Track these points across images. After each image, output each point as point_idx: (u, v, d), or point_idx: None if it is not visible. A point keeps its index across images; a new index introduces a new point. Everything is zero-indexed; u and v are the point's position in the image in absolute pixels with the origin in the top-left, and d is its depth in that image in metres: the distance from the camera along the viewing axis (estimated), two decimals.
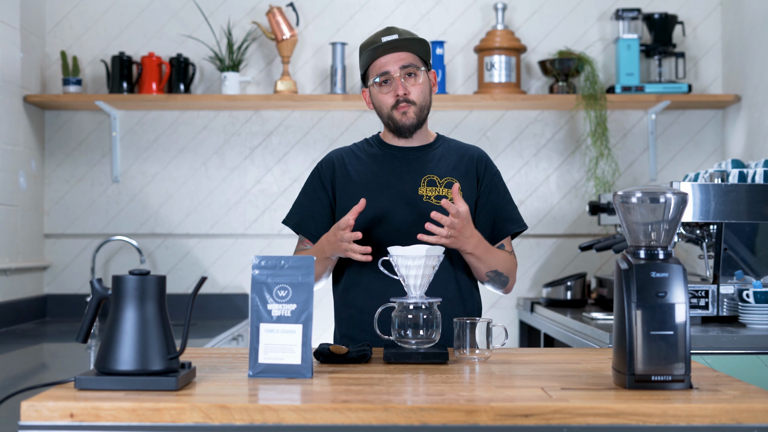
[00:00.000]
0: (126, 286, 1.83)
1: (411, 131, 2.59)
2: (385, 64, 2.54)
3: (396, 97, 2.54)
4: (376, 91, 2.58)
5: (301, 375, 1.93)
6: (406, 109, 2.56)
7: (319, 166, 2.68)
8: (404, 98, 2.54)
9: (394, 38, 2.53)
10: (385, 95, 2.57)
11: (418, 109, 2.57)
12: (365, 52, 2.57)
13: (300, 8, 4.46)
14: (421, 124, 2.61)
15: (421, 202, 2.57)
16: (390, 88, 2.56)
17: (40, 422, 1.65)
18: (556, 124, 4.52)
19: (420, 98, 2.56)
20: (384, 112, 2.59)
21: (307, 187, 2.69)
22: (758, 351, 2.87)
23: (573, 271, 4.45)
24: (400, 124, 2.57)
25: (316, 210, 2.64)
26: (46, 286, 4.47)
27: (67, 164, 4.48)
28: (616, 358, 1.86)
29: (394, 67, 2.54)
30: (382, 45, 2.53)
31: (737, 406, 1.66)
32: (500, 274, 2.57)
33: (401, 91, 2.54)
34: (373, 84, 2.57)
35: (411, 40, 2.55)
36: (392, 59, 2.54)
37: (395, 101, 2.55)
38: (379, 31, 2.59)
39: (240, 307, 4.45)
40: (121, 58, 4.33)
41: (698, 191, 3.15)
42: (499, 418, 1.65)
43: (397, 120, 2.57)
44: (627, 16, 4.37)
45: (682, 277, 1.82)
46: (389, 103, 2.56)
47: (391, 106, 2.56)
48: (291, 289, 1.97)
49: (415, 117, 2.57)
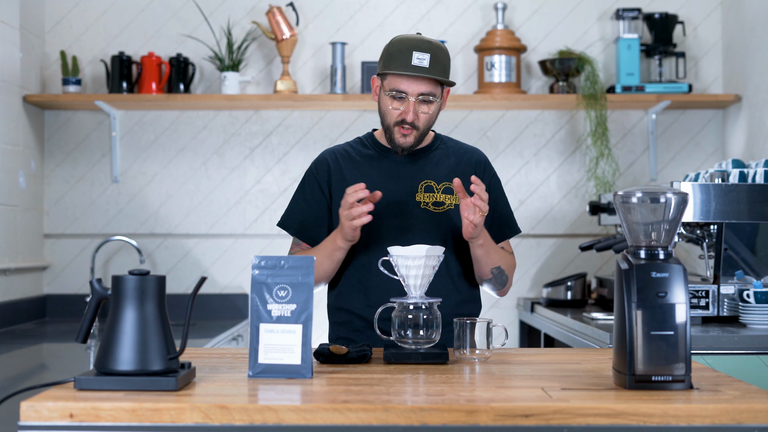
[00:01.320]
0: (126, 286, 1.82)
1: (405, 152, 2.56)
2: (404, 85, 2.46)
3: (402, 117, 2.49)
4: (385, 97, 2.51)
5: (301, 375, 1.93)
6: (408, 133, 2.50)
7: (313, 168, 2.64)
8: (410, 123, 2.49)
9: (423, 66, 2.44)
10: (393, 109, 2.50)
11: (420, 134, 2.52)
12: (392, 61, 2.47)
13: (300, 8, 4.46)
14: (417, 145, 2.56)
15: (418, 209, 2.55)
16: (401, 106, 2.49)
17: (39, 422, 1.65)
18: (557, 124, 4.52)
19: (425, 124, 2.51)
20: (386, 121, 2.54)
21: (304, 190, 2.64)
22: (759, 351, 2.87)
23: (573, 271, 4.45)
24: (397, 143, 2.53)
25: (316, 214, 2.60)
26: (45, 286, 4.46)
27: (66, 164, 4.48)
28: (617, 358, 1.86)
29: (412, 90, 2.46)
30: (410, 68, 2.44)
31: (738, 406, 1.65)
32: (502, 272, 2.57)
33: (410, 117, 2.48)
34: (385, 89, 2.51)
35: (438, 67, 2.46)
36: (413, 83, 2.46)
37: (401, 120, 2.50)
38: (414, 41, 2.47)
39: (240, 308, 4.45)
40: (121, 58, 4.33)
41: (699, 191, 3.15)
42: (500, 419, 1.65)
43: (396, 138, 2.52)
44: (627, 15, 4.37)
45: (682, 277, 1.81)
46: (394, 117, 2.51)
47: (394, 122, 2.51)
48: (291, 289, 1.97)
49: (414, 141, 2.52)
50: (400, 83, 2.47)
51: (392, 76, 2.48)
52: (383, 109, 2.53)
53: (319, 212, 2.60)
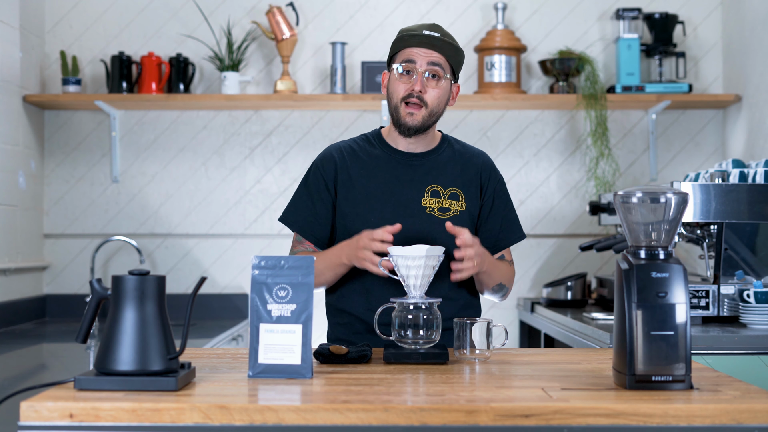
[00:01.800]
0: (125, 287, 1.82)
1: (412, 133, 2.51)
2: (414, 54, 2.46)
3: (410, 90, 2.46)
4: (395, 78, 2.49)
5: (300, 375, 1.93)
6: (416, 111, 2.47)
7: (319, 164, 2.59)
8: (418, 94, 2.46)
9: (434, 35, 2.46)
10: (401, 84, 2.48)
11: (428, 113, 2.49)
12: (402, 35, 2.49)
13: (300, 8, 4.46)
14: (425, 129, 2.52)
15: (423, 215, 2.52)
16: (409, 80, 2.47)
17: (39, 422, 1.65)
18: (557, 123, 4.51)
19: (434, 102, 2.48)
20: (393, 101, 2.50)
21: (308, 185, 2.59)
22: (759, 351, 2.86)
23: (573, 271, 4.45)
24: (402, 122, 2.49)
25: (320, 212, 2.56)
26: (45, 287, 4.46)
27: (66, 164, 4.48)
28: (617, 358, 1.85)
29: (421, 61, 2.46)
30: (419, 36, 2.46)
31: (738, 406, 1.65)
32: (503, 286, 2.56)
33: (418, 87, 2.45)
34: (395, 69, 2.49)
35: (447, 44, 2.47)
36: (423, 53, 2.46)
37: (407, 94, 2.47)
38: (424, 24, 2.51)
39: (240, 308, 4.45)
40: (121, 58, 4.33)
41: (699, 191, 3.15)
42: (500, 419, 1.65)
43: (402, 117, 2.49)
44: (627, 15, 4.37)
45: (682, 277, 1.81)
46: (401, 93, 2.48)
47: (401, 98, 2.48)
48: (291, 289, 1.97)
49: (421, 120, 2.49)
50: (408, 54, 2.47)
51: (401, 52, 2.49)
52: (392, 89, 2.51)
53: (323, 210, 2.56)
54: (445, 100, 2.52)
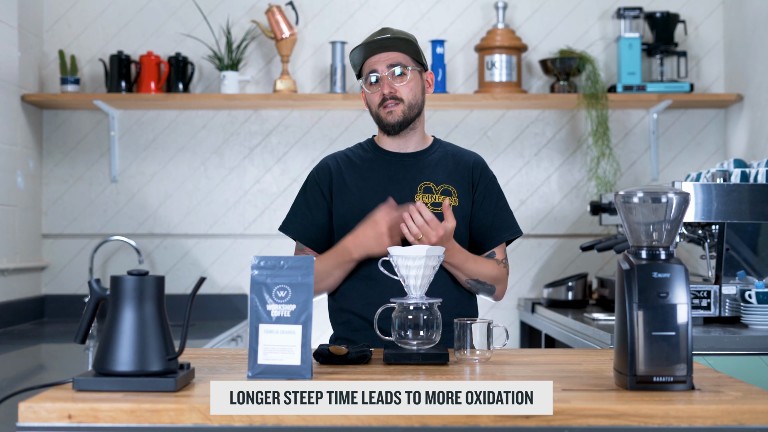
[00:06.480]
0: (124, 287, 1.81)
1: (397, 129, 2.59)
2: (373, 63, 2.58)
3: (382, 95, 2.56)
4: (367, 91, 2.61)
5: (300, 376, 1.92)
6: (393, 108, 2.56)
7: (315, 173, 2.68)
8: (391, 96, 2.55)
9: (383, 37, 2.56)
10: (373, 94, 2.59)
11: (407, 107, 2.57)
12: (355, 51, 2.60)
13: (299, 7, 4.45)
14: (408, 123, 2.60)
15: None
16: (378, 88, 2.58)
17: (37, 423, 1.65)
18: (557, 123, 4.51)
19: (409, 96, 2.57)
20: (373, 110, 2.62)
21: (305, 194, 2.67)
22: (760, 352, 2.86)
23: (574, 271, 4.44)
24: (385, 122, 2.59)
25: (317, 218, 2.63)
26: (44, 287, 4.45)
27: (65, 164, 4.47)
28: (618, 359, 1.85)
29: (381, 66, 2.57)
30: (371, 44, 2.56)
31: (739, 407, 1.65)
32: (482, 282, 2.56)
33: (387, 90, 2.55)
34: (364, 83, 2.60)
35: (398, 40, 2.56)
36: (380, 59, 2.57)
37: (381, 99, 2.57)
38: (373, 32, 2.63)
39: (239, 308, 4.44)
40: (120, 57, 4.32)
41: (700, 191, 3.14)
42: (500, 419, 1.64)
43: (383, 118, 2.59)
44: (628, 14, 4.36)
45: (684, 278, 1.81)
46: (376, 101, 2.58)
47: (378, 105, 2.58)
48: (290, 289, 1.96)
49: (401, 114, 2.57)
50: (370, 65, 2.58)
51: (364, 66, 2.60)
52: (369, 101, 2.63)
53: (321, 216, 2.63)
54: (419, 90, 2.61)
